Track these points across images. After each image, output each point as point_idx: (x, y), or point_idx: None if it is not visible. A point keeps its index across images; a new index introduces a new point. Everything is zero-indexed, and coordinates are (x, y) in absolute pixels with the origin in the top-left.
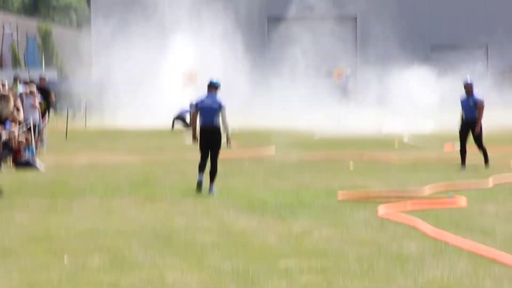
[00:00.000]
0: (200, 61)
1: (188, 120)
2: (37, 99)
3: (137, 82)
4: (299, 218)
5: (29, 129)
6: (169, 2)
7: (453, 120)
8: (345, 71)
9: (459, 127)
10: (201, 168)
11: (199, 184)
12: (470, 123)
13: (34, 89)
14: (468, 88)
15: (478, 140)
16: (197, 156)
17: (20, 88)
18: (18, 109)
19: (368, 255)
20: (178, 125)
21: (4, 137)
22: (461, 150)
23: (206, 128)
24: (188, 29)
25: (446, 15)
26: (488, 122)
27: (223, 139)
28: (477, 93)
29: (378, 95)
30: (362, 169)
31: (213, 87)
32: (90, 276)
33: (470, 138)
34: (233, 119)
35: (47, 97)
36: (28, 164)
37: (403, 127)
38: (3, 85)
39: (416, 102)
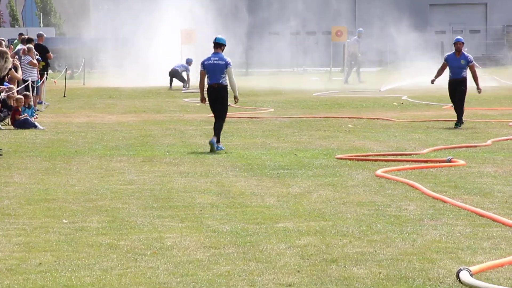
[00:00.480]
0: (196, 20)
1: (184, 75)
2: (35, 57)
3: (135, 41)
4: (297, 179)
5: (28, 87)
6: None
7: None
8: (345, 30)
9: (448, 87)
10: (216, 128)
11: (212, 144)
12: (458, 82)
13: (32, 46)
14: (459, 45)
15: (461, 100)
16: (194, 116)
17: (19, 46)
18: (16, 67)
19: (366, 217)
20: (176, 83)
21: (2, 95)
22: (455, 109)
23: (213, 86)
24: None
25: None
26: (484, 82)
27: (230, 97)
28: (468, 54)
29: (378, 54)
30: (361, 129)
31: (218, 44)
32: (89, 237)
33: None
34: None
35: (45, 55)
36: (27, 123)
37: (402, 86)
38: (1, 43)
39: (414, 60)
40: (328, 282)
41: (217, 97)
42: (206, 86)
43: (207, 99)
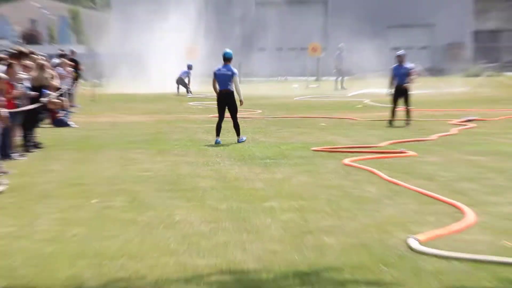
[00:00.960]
0: (197, 37)
1: (186, 81)
2: (69, 69)
3: (148, 55)
4: (280, 167)
5: (63, 93)
6: None
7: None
8: (319, 46)
9: (392, 92)
10: (218, 129)
11: (217, 141)
12: (401, 89)
13: (65, 60)
14: (400, 58)
15: (407, 102)
16: (197, 116)
17: (55, 60)
18: (53, 77)
19: (336, 197)
20: (182, 89)
21: (44, 100)
22: (392, 110)
23: (222, 92)
24: (188, 10)
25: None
26: (422, 90)
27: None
28: (410, 64)
29: (337, 66)
30: (331, 126)
31: (226, 58)
32: (113, 214)
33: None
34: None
35: (77, 67)
36: (63, 123)
37: (365, 92)
38: (43, 58)
39: (375, 71)
40: (305, 249)
41: (226, 101)
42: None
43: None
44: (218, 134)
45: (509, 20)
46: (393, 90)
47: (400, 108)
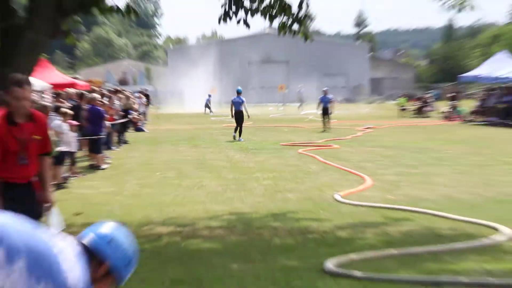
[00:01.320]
0: (215, 80)
1: (210, 105)
2: (144, 99)
3: (187, 91)
4: (262, 154)
5: (140, 113)
6: (201, 55)
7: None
8: (285, 86)
9: (321, 112)
10: (236, 130)
11: (234, 137)
12: (325, 109)
13: (142, 94)
14: (325, 91)
15: (328, 117)
16: (218, 126)
17: (136, 94)
18: (134, 103)
19: (293, 171)
20: (207, 110)
21: (130, 116)
22: (322, 122)
23: (236, 112)
24: (208, 66)
25: (333, 57)
26: (342, 111)
27: (245, 116)
28: (330, 95)
29: (298, 97)
30: (291, 132)
31: (238, 92)
32: (168, 180)
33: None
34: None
35: (148, 98)
36: (140, 129)
37: (310, 112)
38: (129, 93)
39: (316, 100)
40: (276, 201)
41: (239, 117)
42: (233, 111)
43: (233, 116)
44: (235, 132)
45: (390, 71)
46: (320, 111)
47: (326, 121)
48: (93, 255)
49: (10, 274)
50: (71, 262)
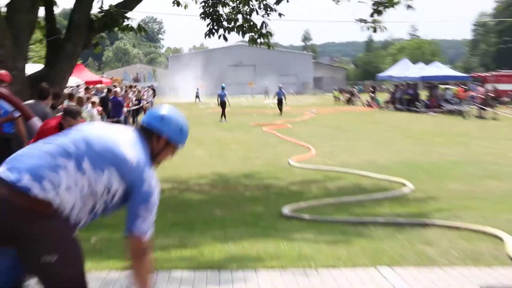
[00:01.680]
0: (203, 79)
1: (199, 96)
2: (151, 91)
3: (184, 87)
4: (236, 132)
5: (148, 102)
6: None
7: (288, 100)
8: (253, 83)
9: (276, 102)
10: (221, 115)
11: (220, 121)
12: (280, 99)
13: (150, 88)
14: (280, 87)
15: (281, 105)
16: (205, 112)
17: (145, 88)
18: (144, 95)
19: (261, 144)
20: (197, 100)
21: (140, 105)
22: (279, 108)
23: (221, 102)
24: (197, 69)
25: (287, 62)
26: (294, 101)
27: (227, 104)
28: (284, 90)
29: (265, 91)
30: (258, 116)
31: (222, 87)
32: (197, 153)
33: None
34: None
35: (154, 91)
36: None
37: (271, 101)
38: (140, 87)
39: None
40: (247, 165)
41: (223, 105)
42: (218, 101)
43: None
44: (221, 117)
45: (327, 72)
46: (276, 100)
47: (280, 108)
48: (152, 133)
49: (80, 177)
50: (129, 145)
